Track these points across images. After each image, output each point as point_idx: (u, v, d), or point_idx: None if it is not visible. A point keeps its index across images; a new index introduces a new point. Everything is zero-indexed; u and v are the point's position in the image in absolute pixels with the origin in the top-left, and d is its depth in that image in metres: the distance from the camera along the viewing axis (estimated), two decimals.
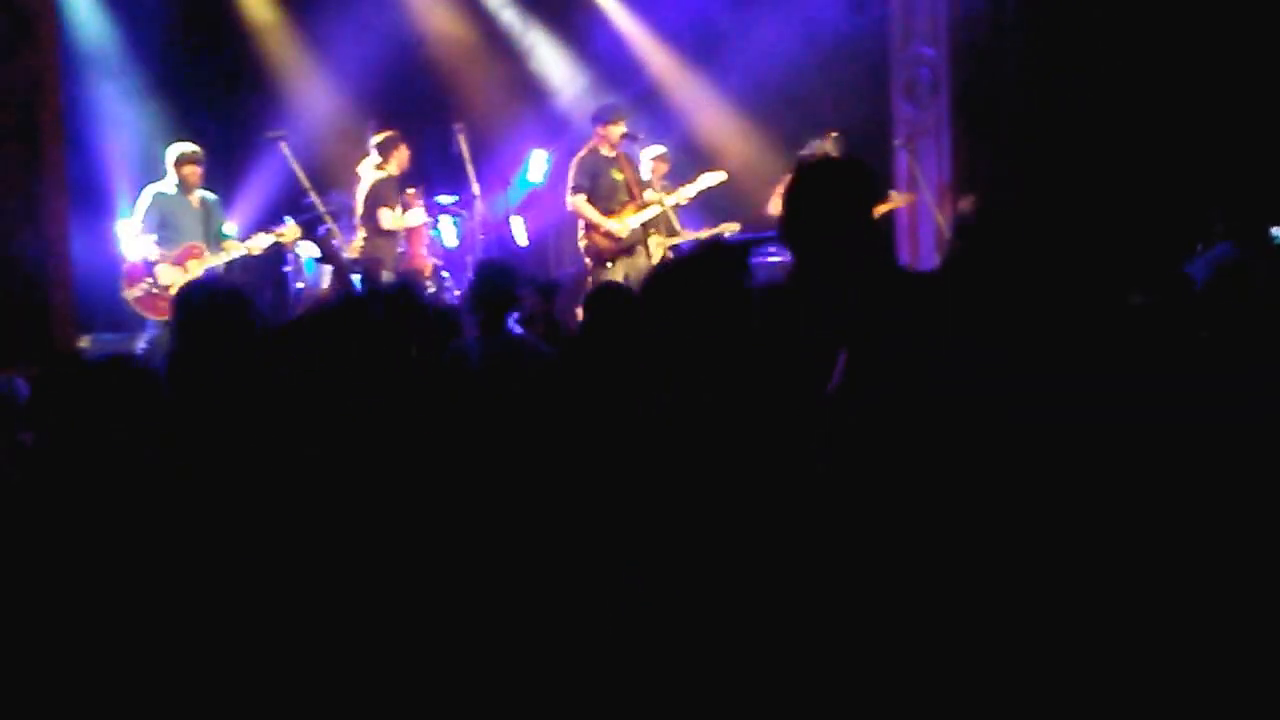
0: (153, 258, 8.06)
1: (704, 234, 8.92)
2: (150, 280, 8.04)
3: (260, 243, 8.25)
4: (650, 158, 9.14)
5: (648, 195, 8.90)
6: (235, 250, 8.25)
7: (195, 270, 8.08)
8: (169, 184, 8.21)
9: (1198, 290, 4.44)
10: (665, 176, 9.08)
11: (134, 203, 8.38)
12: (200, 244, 8.15)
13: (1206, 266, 4.74)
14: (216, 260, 8.18)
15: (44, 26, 8.08)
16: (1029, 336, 2.58)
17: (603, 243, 8.74)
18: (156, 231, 8.11)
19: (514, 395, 3.60)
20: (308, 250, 8.78)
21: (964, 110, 9.89)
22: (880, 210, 10.20)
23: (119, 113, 9.58)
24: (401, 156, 8.81)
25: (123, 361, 2.94)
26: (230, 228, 8.59)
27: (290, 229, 8.31)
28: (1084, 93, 9.28)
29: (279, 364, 2.92)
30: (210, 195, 8.38)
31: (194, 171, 8.20)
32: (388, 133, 8.90)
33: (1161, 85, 8.97)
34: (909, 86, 10.15)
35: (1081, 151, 9.02)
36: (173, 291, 8.04)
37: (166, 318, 7.97)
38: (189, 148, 8.26)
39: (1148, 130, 8.97)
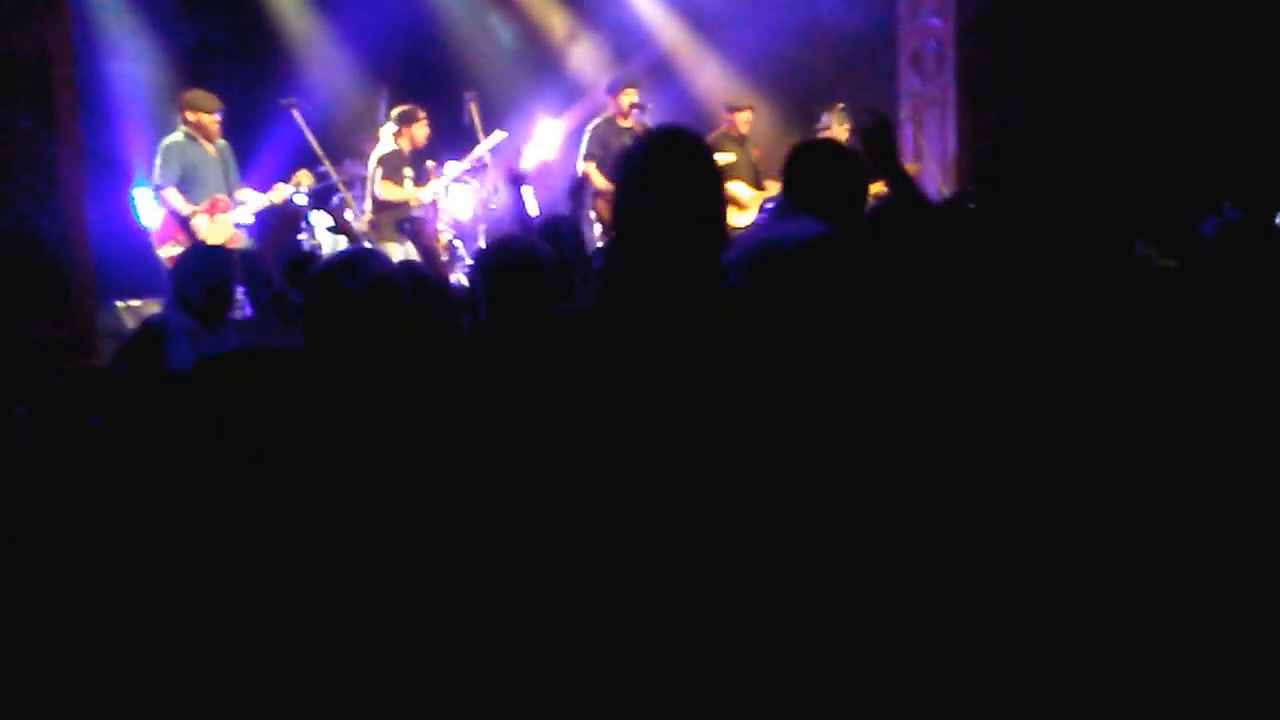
0: (185, 211, 7.92)
1: None
2: (184, 236, 7.84)
3: (281, 193, 8.20)
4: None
5: None
6: (260, 201, 8.17)
7: (224, 223, 7.99)
8: (179, 134, 8.05)
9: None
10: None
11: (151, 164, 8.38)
12: (223, 195, 8.05)
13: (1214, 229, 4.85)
14: (240, 215, 8.12)
15: None
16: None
17: (608, 210, 8.79)
18: (179, 184, 7.95)
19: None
20: (321, 220, 8.82)
21: (970, 83, 9.92)
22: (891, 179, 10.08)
23: (133, 79, 9.60)
24: (417, 133, 8.80)
25: None
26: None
27: (304, 174, 8.27)
28: (1090, 66, 9.30)
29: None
30: (223, 143, 8.22)
31: (211, 120, 8.05)
32: (408, 106, 8.89)
33: (1168, 59, 9.00)
34: (915, 58, 10.17)
35: (1088, 124, 9.05)
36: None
37: None
38: (203, 94, 8.12)
39: (1154, 102, 9.01)
